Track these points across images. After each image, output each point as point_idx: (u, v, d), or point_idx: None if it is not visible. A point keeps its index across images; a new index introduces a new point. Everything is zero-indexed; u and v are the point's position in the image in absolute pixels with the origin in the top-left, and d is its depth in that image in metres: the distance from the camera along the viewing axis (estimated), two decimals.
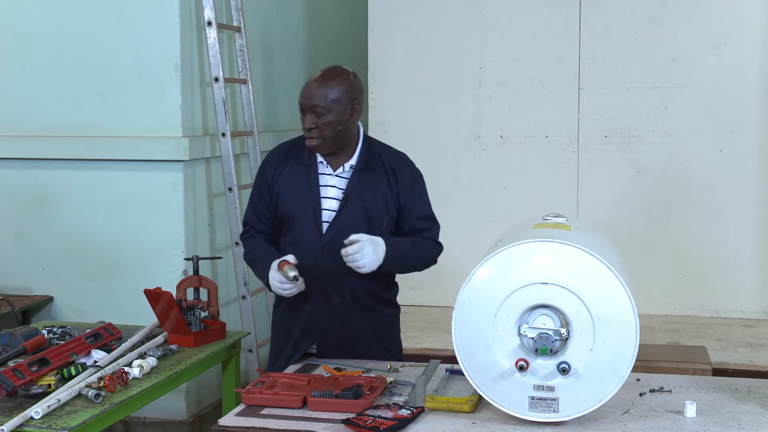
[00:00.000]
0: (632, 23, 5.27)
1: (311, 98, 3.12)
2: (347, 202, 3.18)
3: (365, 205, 3.18)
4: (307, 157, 3.24)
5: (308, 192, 3.20)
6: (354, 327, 3.26)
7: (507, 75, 5.44)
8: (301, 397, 2.72)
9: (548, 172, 5.41)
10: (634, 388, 2.86)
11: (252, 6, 5.27)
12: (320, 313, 3.24)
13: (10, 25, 4.80)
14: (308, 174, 3.22)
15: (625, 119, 5.31)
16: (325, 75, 3.17)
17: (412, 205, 3.25)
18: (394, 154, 3.32)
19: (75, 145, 4.71)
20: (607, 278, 2.51)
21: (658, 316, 5.21)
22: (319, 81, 3.14)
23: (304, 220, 3.20)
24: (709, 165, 5.22)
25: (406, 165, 3.30)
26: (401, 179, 3.24)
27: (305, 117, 3.15)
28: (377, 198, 3.20)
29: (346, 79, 3.18)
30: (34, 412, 2.67)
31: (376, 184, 3.21)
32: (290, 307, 3.28)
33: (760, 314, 5.21)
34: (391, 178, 3.23)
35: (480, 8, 5.44)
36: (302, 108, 3.16)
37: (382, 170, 3.23)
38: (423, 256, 3.26)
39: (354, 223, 3.15)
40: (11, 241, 4.85)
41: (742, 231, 5.22)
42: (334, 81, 3.15)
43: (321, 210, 3.19)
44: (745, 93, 5.17)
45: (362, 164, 3.22)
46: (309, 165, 3.23)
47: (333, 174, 3.22)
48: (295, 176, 3.23)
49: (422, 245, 3.25)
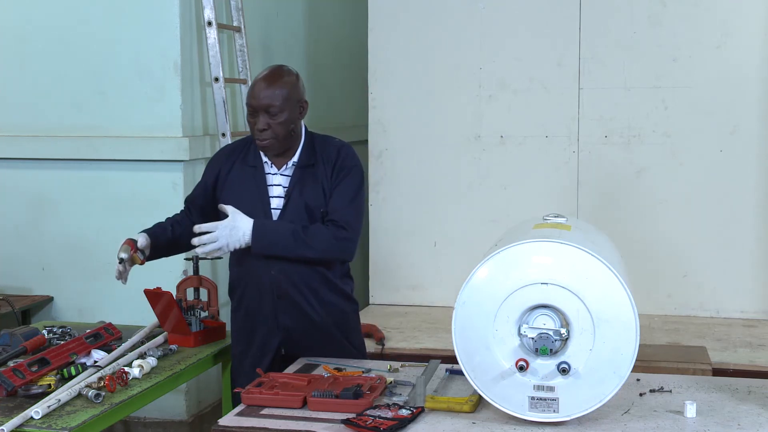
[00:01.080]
0: (632, 23, 5.26)
1: (264, 99, 3.17)
2: (289, 199, 3.25)
3: (306, 202, 3.24)
4: (253, 158, 3.30)
5: (257, 192, 3.27)
6: (316, 321, 3.32)
7: (507, 75, 5.43)
8: (301, 397, 2.72)
9: (548, 172, 5.41)
10: (634, 388, 2.86)
11: (252, 6, 5.27)
12: (281, 308, 3.30)
13: (10, 25, 4.80)
14: (255, 174, 3.28)
15: (625, 119, 5.30)
16: (273, 75, 3.22)
17: (334, 190, 3.27)
18: (333, 145, 3.34)
19: (75, 145, 4.71)
20: (607, 278, 2.51)
21: (658, 316, 5.21)
22: (269, 81, 3.19)
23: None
24: (709, 165, 5.22)
25: (344, 157, 3.31)
26: (336, 170, 3.28)
27: (257, 118, 3.18)
28: (317, 192, 3.25)
29: (293, 78, 3.25)
30: (34, 412, 2.67)
31: (315, 178, 3.26)
32: (249, 309, 3.35)
33: (760, 314, 5.20)
34: (329, 169, 3.28)
35: (480, 8, 5.44)
36: (253, 109, 3.19)
37: (321, 162, 3.28)
38: (312, 244, 3.18)
39: (298, 219, 3.22)
40: (11, 241, 4.85)
41: (742, 231, 5.22)
42: (284, 80, 3.21)
43: (270, 209, 3.26)
44: (745, 93, 5.17)
45: (304, 161, 3.28)
46: (255, 166, 3.30)
47: (278, 173, 3.28)
48: (242, 178, 3.29)
49: (314, 233, 3.19)
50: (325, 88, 6.47)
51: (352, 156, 3.34)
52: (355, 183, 3.29)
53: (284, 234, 3.18)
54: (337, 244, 3.21)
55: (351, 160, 3.32)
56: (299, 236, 3.17)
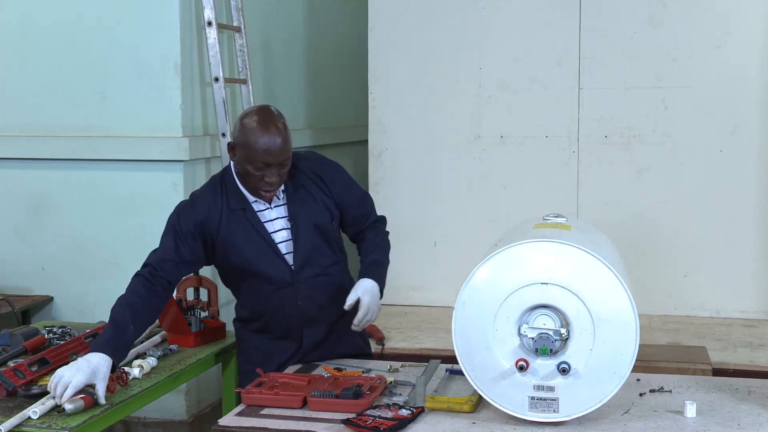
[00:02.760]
0: (632, 23, 5.26)
1: (281, 154, 3.04)
2: (297, 226, 3.17)
3: (314, 222, 3.18)
4: (236, 201, 3.15)
5: (258, 234, 3.15)
6: (340, 332, 3.30)
7: (507, 75, 5.43)
8: (301, 397, 2.72)
9: (548, 172, 5.40)
10: (634, 388, 2.86)
11: (252, 6, 5.27)
12: (308, 333, 3.26)
13: (10, 24, 4.80)
14: (248, 217, 3.15)
15: (625, 119, 5.30)
16: (277, 125, 3.05)
17: (345, 198, 3.28)
18: (307, 159, 3.29)
19: (75, 145, 4.71)
20: (607, 278, 2.51)
21: (658, 316, 5.21)
22: (277, 134, 3.03)
23: (267, 261, 3.16)
24: (709, 165, 5.22)
25: (324, 164, 3.30)
26: (328, 180, 3.25)
27: (269, 172, 3.05)
28: (319, 208, 3.20)
29: (282, 117, 3.12)
30: (32, 412, 2.66)
31: (311, 196, 3.20)
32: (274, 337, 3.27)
33: (760, 314, 5.20)
34: (319, 183, 3.23)
35: (480, 8, 5.44)
36: (266, 165, 3.03)
37: (308, 180, 3.21)
38: (388, 249, 3.36)
39: (313, 242, 3.18)
40: (11, 241, 4.85)
41: (742, 231, 5.22)
42: (284, 126, 3.09)
43: (276, 246, 3.17)
44: (745, 93, 5.16)
45: (291, 186, 3.19)
46: (244, 208, 3.16)
47: (271, 207, 3.17)
48: (236, 224, 3.15)
49: (381, 242, 3.34)
50: (325, 88, 6.47)
51: (323, 159, 3.33)
52: (348, 179, 3.33)
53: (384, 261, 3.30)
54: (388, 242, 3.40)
55: (328, 164, 3.31)
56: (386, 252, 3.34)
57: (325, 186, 3.23)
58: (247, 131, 3.04)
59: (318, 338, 3.26)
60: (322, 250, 3.21)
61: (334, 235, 3.27)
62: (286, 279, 3.17)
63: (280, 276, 3.17)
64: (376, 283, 3.17)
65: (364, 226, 3.35)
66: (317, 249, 3.20)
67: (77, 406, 2.71)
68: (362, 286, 3.15)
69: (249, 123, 3.05)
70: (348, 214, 3.30)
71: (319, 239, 3.20)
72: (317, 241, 3.19)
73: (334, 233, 3.27)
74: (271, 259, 3.16)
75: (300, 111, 6.09)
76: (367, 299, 3.11)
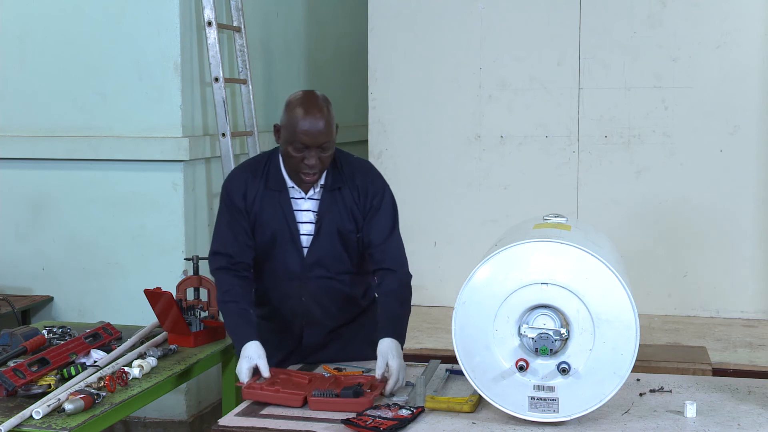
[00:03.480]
0: (632, 23, 5.27)
1: (321, 136, 3.00)
2: (321, 224, 3.14)
3: (338, 226, 3.14)
4: (275, 182, 3.14)
5: (285, 218, 3.13)
6: (344, 336, 3.28)
7: (507, 75, 5.43)
8: (302, 396, 2.72)
9: (548, 172, 5.41)
10: (634, 388, 2.86)
11: (252, 6, 5.27)
12: (309, 332, 3.24)
13: (10, 25, 4.80)
14: (281, 200, 3.13)
15: (625, 119, 5.30)
16: (319, 106, 3.03)
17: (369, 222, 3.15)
18: (360, 167, 3.21)
19: (75, 145, 4.71)
20: (607, 278, 2.51)
21: (658, 316, 5.21)
22: (319, 116, 3.00)
23: (284, 247, 3.14)
24: (709, 165, 5.22)
25: (370, 178, 3.19)
26: (365, 194, 3.15)
27: (308, 154, 3.01)
28: (347, 216, 3.14)
29: (329, 103, 3.09)
30: (35, 412, 2.66)
31: (344, 201, 3.14)
32: (275, 328, 3.24)
33: (760, 314, 5.20)
34: (356, 192, 3.15)
35: (480, 8, 5.44)
36: (305, 146, 3.00)
37: (347, 185, 3.15)
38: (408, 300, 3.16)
39: (331, 244, 3.14)
40: (11, 241, 4.85)
41: (742, 231, 5.22)
42: (327, 110, 3.04)
43: (299, 235, 3.14)
44: (745, 93, 5.17)
45: (331, 184, 3.14)
46: (280, 191, 3.14)
47: (305, 197, 3.14)
48: (269, 203, 3.14)
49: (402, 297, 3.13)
50: (325, 88, 6.43)
51: (373, 174, 3.22)
52: (390, 210, 3.19)
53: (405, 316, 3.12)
54: (409, 292, 3.17)
55: (376, 181, 3.19)
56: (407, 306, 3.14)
57: (360, 198, 3.15)
58: (290, 112, 3.04)
59: (318, 340, 3.25)
60: (338, 255, 3.17)
61: (355, 246, 3.19)
62: (296, 271, 3.15)
63: (291, 266, 3.15)
64: (398, 342, 3.00)
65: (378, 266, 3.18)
66: (334, 253, 3.16)
67: (77, 406, 2.71)
68: (386, 348, 2.94)
69: (293, 104, 3.05)
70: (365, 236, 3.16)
71: (338, 244, 3.15)
72: (336, 245, 3.15)
73: (355, 245, 3.19)
74: (288, 246, 3.14)
75: None
76: (395, 364, 2.91)
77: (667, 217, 5.29)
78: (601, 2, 5.29)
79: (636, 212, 5.32)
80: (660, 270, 5.27)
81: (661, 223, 5.30)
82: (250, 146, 5.14)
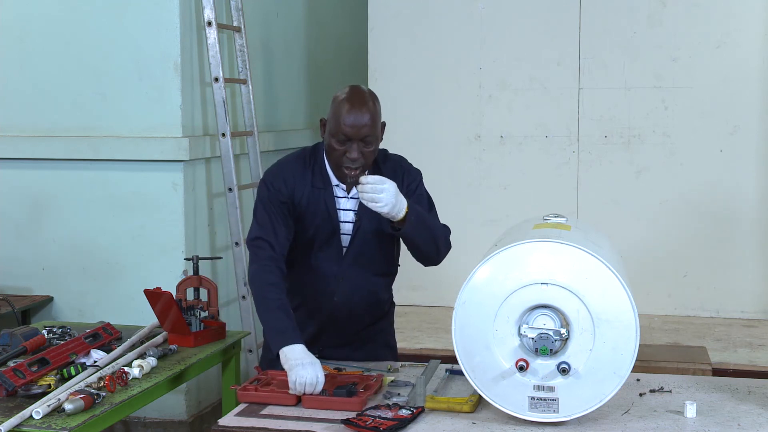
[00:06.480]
0: (632, 23, 5.27)
1: (364, 128, 2.97)
2: (360, 224, 3.12)
3: (376, 226, 3.12)
4: (320, 179, 3.12)
5: (328, 217, 3.11)
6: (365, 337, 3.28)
7: (507, 75, 5.44)
8: (296, 395, 2.73)
9: (548, 172, 5.41)
10: (634, 388, 2.86)
11: (252, 6, 5.27)
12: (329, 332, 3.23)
13: (10, 25, 4.80)
14: (325, 197, 3.11)
15: (625, 119, 5.31)
16: (363, 100, 3.01)
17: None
18: (393, 162, 3.22)
19: (75, 145, 4.71)
20: (607, 278, 2.51)
21: (658, 316, 5.21)
22: (363, 108, 2.98)
23: (324, 246, 3.13)
24: (709, 165, 5.22)
25: (407, 171, 3.21)
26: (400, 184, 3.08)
27: (350, 147, 2.98)
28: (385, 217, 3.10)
29: (375, 99, 3.07)
30: (35, 412, 2.66)
31: None
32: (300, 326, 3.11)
33: (760, 314, 5.21)
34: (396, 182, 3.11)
35: (480, 8, 5.44)
36: (347, 138, 2.97)
37: None
38: (438, 228, 3.17)
39: (369, 245, 3.13)
40: (11, 241, 4.85)
41: (742, 231, 5.22)
42: (372, 103, 3.02)
43: (340, 235, 3.13)
44: (745, 93, 5.17)
45: None
46: (324, 188, 3.12)
47: (347, 196, 3.13)
48: (314, 199, 3.11)
49: (434, 218, 3.19)
50: (325, 88, 6.46)
51: (408, 166, 3.24)
52: (426, 193, 3.22)
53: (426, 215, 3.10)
54: (447, 234, 3.24)
55: (412, 172, 3.21)
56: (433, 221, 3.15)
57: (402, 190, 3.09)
58: (335, 105, 3.03)
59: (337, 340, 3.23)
60: (374, 256, 3.16)
61: (391, 247, 3.21)
62: (333, 268, 3.14)
63: (329, 264, 3.14)
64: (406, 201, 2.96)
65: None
66: (370, 253, 3.15)
67: (77, 406, 2.71)
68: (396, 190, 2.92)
69: (338, 97, 3.04)
70: None
71: (374, 244, 3.14)
72: (373, 245, 3.14)
73: (391, 246, 3.21)
74: (328, 244, 3.12)
75: (300, 111, 6.09)
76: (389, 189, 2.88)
77: (667, 217, 5.29)
78: (601, 2, 5.30)
79: (636, 212, 5.32)
80: (660, 270, 5.27)
81: (660, 223, 5.30)
82: (250, 146, 5.13)
